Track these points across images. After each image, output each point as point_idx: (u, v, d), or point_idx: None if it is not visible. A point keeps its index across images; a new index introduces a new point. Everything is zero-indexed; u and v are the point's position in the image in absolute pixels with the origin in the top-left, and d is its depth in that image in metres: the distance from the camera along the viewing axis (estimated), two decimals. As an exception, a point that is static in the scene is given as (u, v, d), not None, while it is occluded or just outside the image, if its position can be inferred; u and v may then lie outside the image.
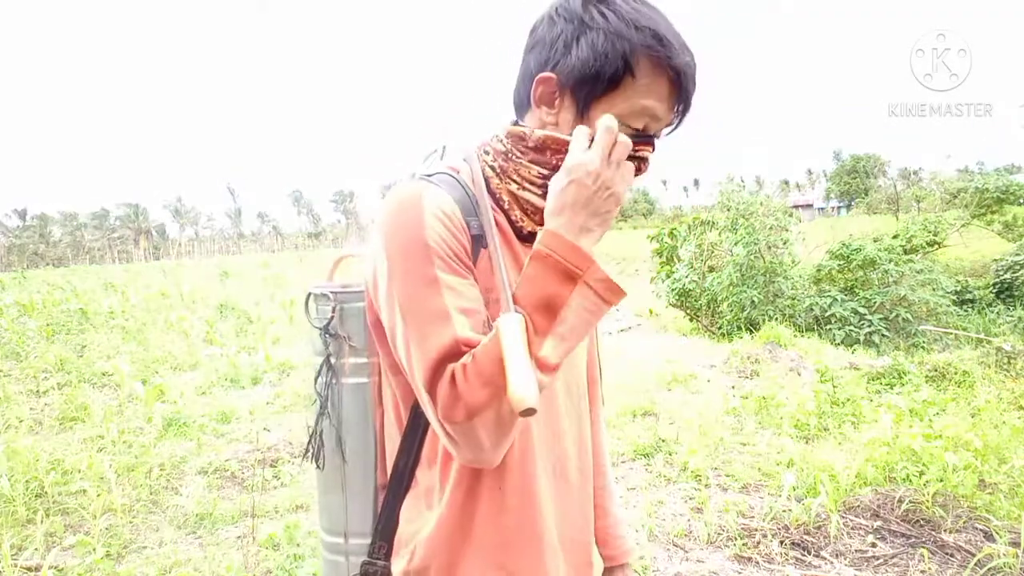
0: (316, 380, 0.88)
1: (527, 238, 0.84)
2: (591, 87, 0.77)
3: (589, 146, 0.74)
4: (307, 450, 0.89)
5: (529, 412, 0.65)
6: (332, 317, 0.86)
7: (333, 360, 0.86)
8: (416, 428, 0.83)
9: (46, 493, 3.46)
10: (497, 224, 0.82)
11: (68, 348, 7.37)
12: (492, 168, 0.84)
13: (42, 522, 3.11)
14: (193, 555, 2.93)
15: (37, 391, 5.75)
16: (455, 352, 0.72)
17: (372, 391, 0.88)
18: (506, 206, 0.83)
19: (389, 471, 0.86)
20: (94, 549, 2.83)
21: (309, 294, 0.87)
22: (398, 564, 0.83)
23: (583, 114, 0.78)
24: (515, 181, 0.83)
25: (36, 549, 2.92)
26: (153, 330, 8.69)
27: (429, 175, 0.82)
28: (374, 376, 0.88)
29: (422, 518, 0.82)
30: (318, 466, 0.89)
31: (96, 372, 6.33)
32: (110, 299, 12.12)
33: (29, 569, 2.76)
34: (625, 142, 0.74)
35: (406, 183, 0.80)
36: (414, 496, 0.84)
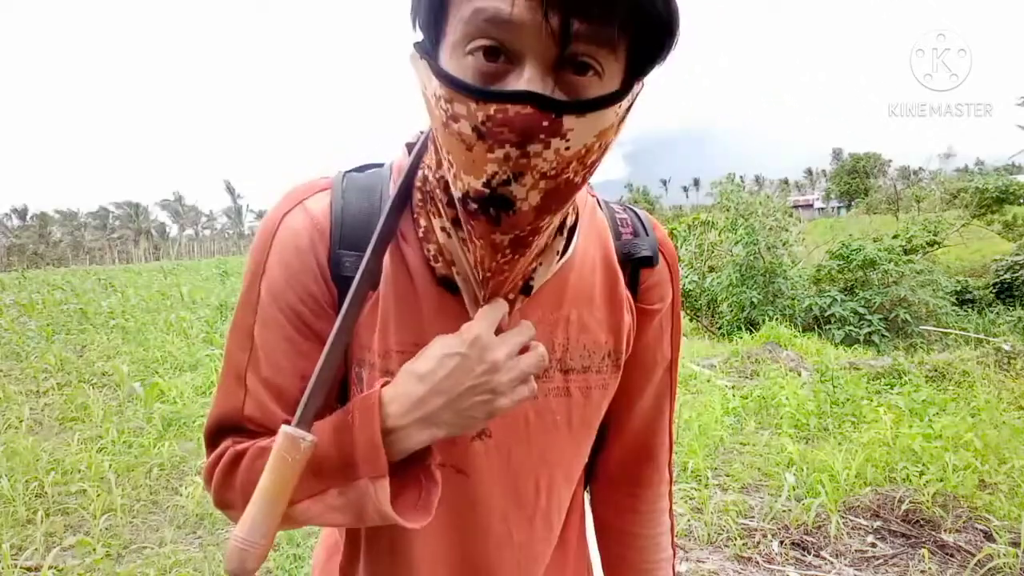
0: None
1: (443, 281, 0.61)
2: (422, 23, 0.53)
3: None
4: None
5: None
6: None
7: None
8: None
9: (46, 493, 3.46)
10: (403, 261, 0.61)
11: (68, 348, 7.37)
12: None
13: (42, 522, 3.11)
14: (193, 555, 2.93)
15: (37, 391, 5.75)
16: (237, 426, 0.61)
17: None
18: (420, 234, 0.61)
19: None
20: (94, 549, 2.83)
21: None
22: None
23: (436, 72, 0.49)
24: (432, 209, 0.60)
25: (36, 549, 2.92)
26: (153, 330, 8.69)
27: (353, 170, 0.66)
28: None
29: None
30: None
31: (96, 372, 6.33)
32: (110, 299, 12.12)
33: (29, 569, 2.76)
34: (541, 356, 0.57)
35: (293, 191, 0.64)
36: None
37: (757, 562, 2.81)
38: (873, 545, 2.92)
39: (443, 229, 0.59)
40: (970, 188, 21.61)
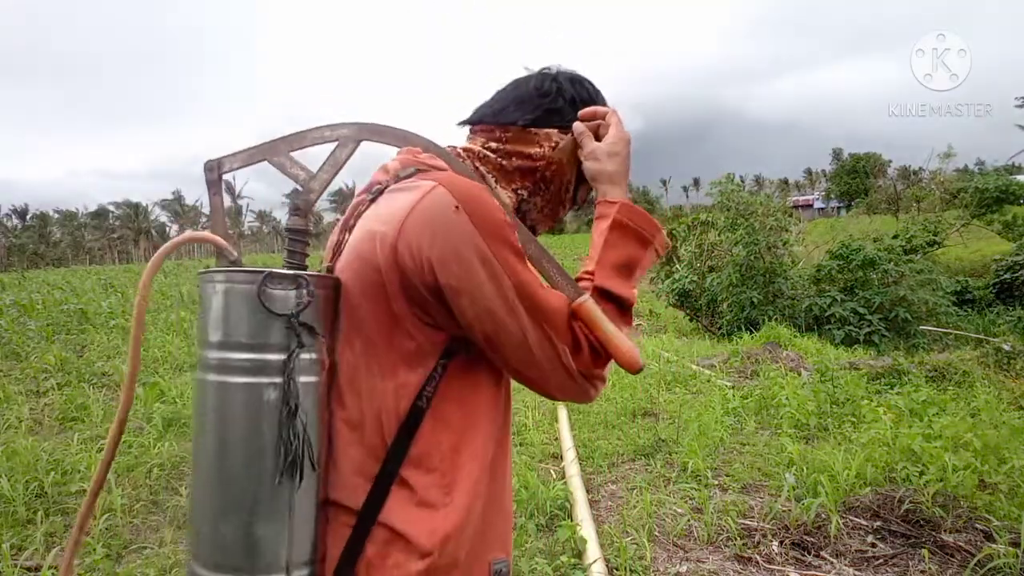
0: (282, 378, 0.73)
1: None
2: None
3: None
4: (288, 464, 0.72)
5: (640, 370, 0.83)
6: (307, 303, 0.74)
7: (297, 355, 0.74)
8: (410, 428, 0.78)
9: (46, 493, 3.46)
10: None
11: (68, 348, 7.37)
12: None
13: (42, 522, 3.11)
14: (193, 555, 2.93)
15: (37, 391, 5.75)
16: (567, 313, 0.81)
17: (321, 390, 0.78)
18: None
19: (360, 477, 0.79)
20: (94, 549, 2.83)
21: (269, 274, 0.73)
22: (412, 565, 0.76)
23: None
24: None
25: (36, 549, 2.92)
26: (153, 330, 8.69)
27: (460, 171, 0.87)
28: (323, 373, 0.78)
29: (432, 516, 0.78)
30: (298, 483, 0.73)
31: (96, 372, 6.33)
32: (110, 299, 12.12)
33: (29, 569, 2.76)
34: None
35: (461, 178, 0.82)
36: (407, 497, 0.78)
37: (757, 562, 2.81)
38: (873, 545, 2.92)
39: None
40: (970, 188, 21.61)
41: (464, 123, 0.99)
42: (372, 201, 0.85)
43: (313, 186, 0.85)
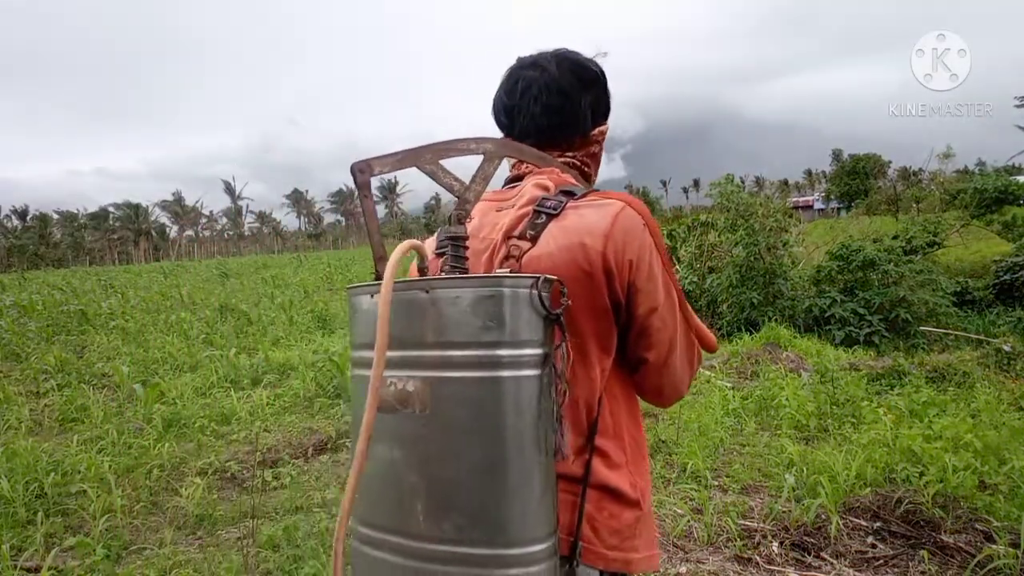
0: (545, 371, 0.83)
1: None
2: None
3: None
4: (554, 448, 0.84)
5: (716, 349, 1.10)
6: (566, 304, 0.85)
7: (558, 349, 0.85)
8: (602, 405, 0.96)
9: (46, 494, 3.46)
10: None
11: (68, 349, 7.37)
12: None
13: (42, 523, 3.11)
14: (193, 556, 2.93)
15: (37, 392, 5.75)
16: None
17: (551, 379, 0.87)
18: None
19: (579, 452, 0.94)
20: (94, 550, 2.83)
21: (539, 278, 0.83)
22: (626, 515, 0.95)
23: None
24: None
25: (36, 550, 2.92)
26: (153, 331, 8.70)
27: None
28: (548, 365, 0.86)
29: (625, 474, 0.96)
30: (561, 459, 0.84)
31: (96, 373, 6.34)
32: (110, 300, 12.12)
33: (29, 570, 2.76)
34: None
35: (636, 199, 0.98)
36: (602, 461, 0.95)
37: (757, 563, 2.81)
38: (873, 546, 2.92)
39: None
40: (970, 188, 21.60)
41: (536, 145, 1.08)
42: (551, 215, 0.95)
43: (468, 196, 0.94)
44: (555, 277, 0.87)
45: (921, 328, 10.90)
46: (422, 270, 0.94)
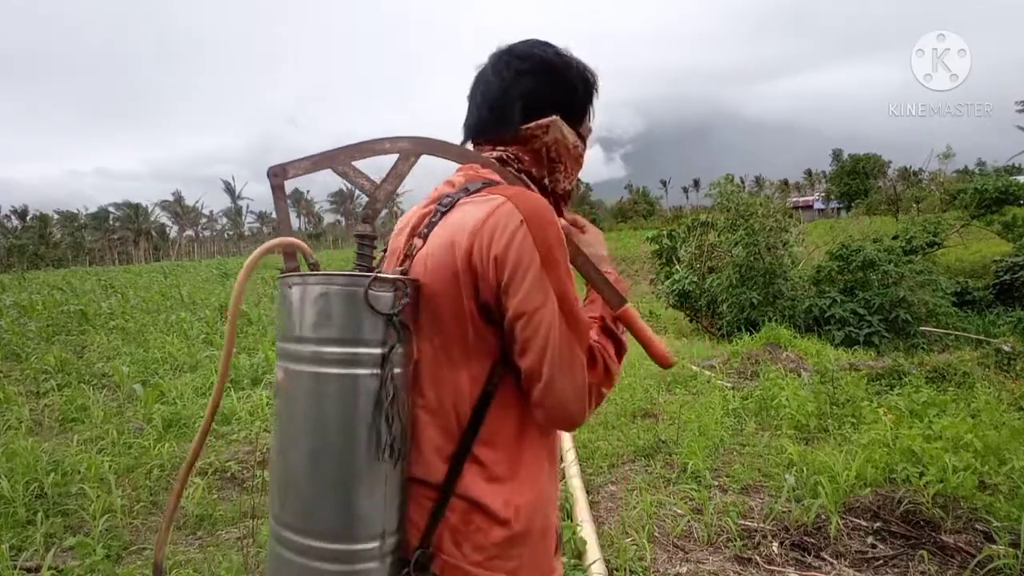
0: (381, 370, 0.83)
1: None
2: None
3: None
4: (387, 444, 0.82)
5: (672, 365, 1.00)
6: (404, 303, 0.84)
7: (393, 349, 0.84)
8: (482, 409, 0.90)
9: (46, 494, 3.46)
10: None
11: (68, 349, 7.37)
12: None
13: (42, 523, 3.10)
14: (193, 556, 2.93)
15: (37, 392, 5.75)
16: (589, 333, 0.93)
17: (407, 380, 0.88)
18: None
19: (438, 456, 0.90)
20: (94, 550, 2.83)
21: (373, 278, 0.82)
22: (494, 533, 0.88)
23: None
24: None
25: (36, 550, 2.92)
26: (153, 331, 8.69)
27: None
28: (409, 366, 0.88)
29: (502, 489, 0.89)
30: (394, 462, 0.84)
31: (96, 373, 6.33)
32: (110, 300, 12.12)
33: (29, 570, 2.76)
34: None
35: (527, 191, 0.93)
36: (479, 472, 0.89)
37: (757, 563, 2.81)
38: (873, 546, 2.91)
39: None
40: (970, 189, 21.60)
41: (473, 141, 1.07)
42: (444, 212, 0.93)
43: (379, 196, 0.94)
44: (410, 278, 0.89)
45: (921, 328, 10.91)
46: (292, 269, 0.92)
